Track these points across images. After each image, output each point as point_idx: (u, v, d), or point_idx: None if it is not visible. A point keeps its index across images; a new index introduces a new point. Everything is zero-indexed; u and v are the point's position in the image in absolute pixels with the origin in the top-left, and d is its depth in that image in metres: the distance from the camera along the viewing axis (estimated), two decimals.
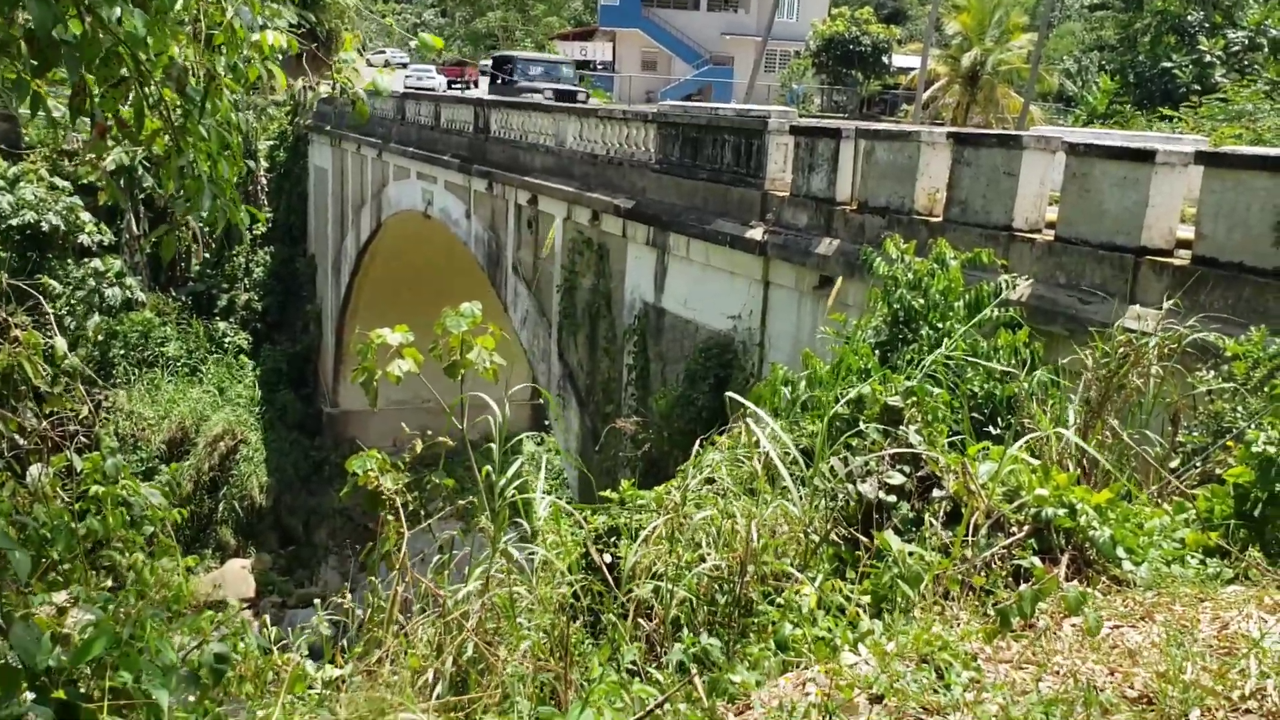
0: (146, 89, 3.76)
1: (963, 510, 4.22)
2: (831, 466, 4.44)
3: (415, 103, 27.52)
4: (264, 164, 39.85)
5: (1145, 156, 8.37)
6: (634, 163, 16.47)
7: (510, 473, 5.01)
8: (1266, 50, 40.62)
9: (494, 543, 4.83)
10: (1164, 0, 43.37)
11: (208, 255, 38.09)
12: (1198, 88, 40.99)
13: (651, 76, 66.89)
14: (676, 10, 68.38)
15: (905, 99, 57.58)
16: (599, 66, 67.28)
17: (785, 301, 12.96)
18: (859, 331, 8.93)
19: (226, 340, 36.60)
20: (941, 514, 4.14)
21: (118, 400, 31.02)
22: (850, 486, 4.24)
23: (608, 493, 9.43)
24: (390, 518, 7.23)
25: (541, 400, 39.21)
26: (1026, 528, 4.04)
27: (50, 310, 28.83)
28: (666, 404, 14.39)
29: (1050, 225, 9.57)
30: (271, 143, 40.67)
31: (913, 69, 57.50)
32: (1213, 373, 6.72)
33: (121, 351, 32.21)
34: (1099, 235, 8.77)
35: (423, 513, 6.45)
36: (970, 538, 3.97)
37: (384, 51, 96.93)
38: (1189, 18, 42.60)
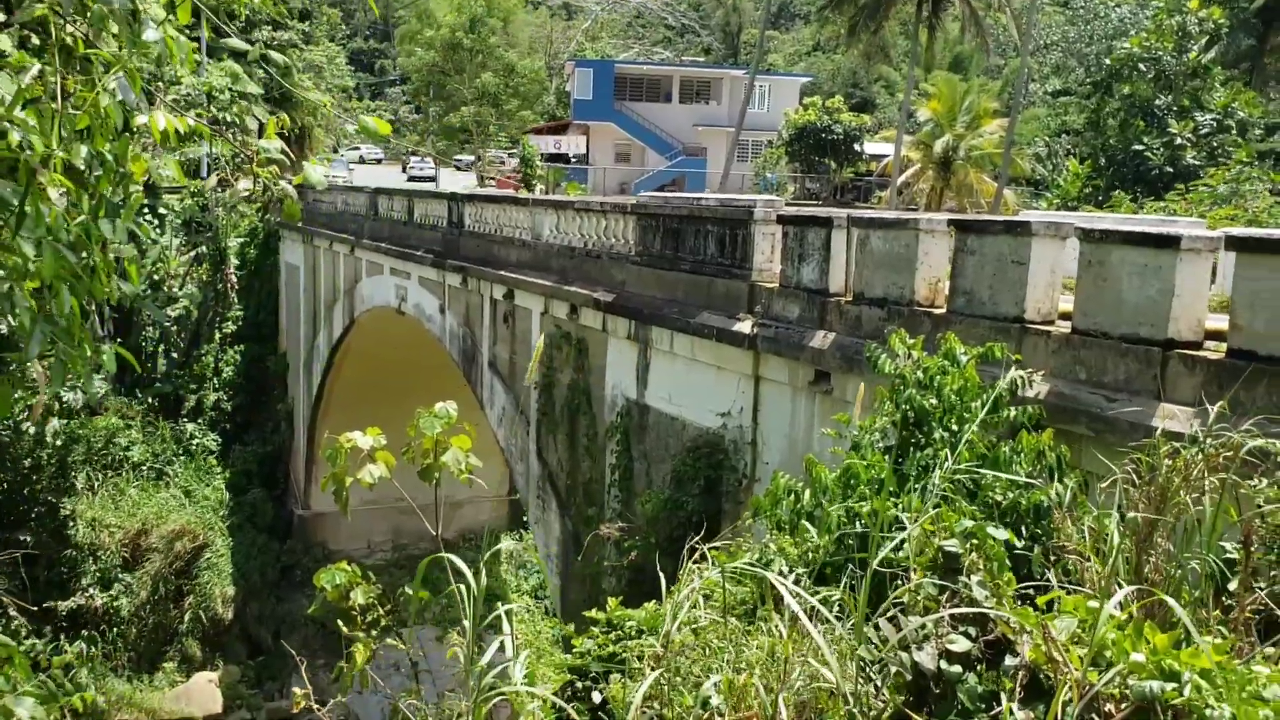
0: None
1: (1041, 680, 3.44)
2: (878, 628, 3.65)
3: (388, 198, 27.04)
4: (234, 261, 39.19)
5: (1168, 242, 7.76)
6: (613, 255, 15.87)
7: (488, 656, 4.19)
8: (1234, 132, 41.01)
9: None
10: (1132, 85, 43.82)
11: (175, 355, 37.20)
12: (1170, 170, 41.26)
13: (626, 168, 67.16)
14: (649, 103, 69.00)
15: (879, 185, 57.92)
16: (573, 159, 67.54)
17: (778, 398, 12.25)
18: (866, 435, 8.24)
19: (194, 442, 35.49)
20: (1019, 688, 3.36)
21: (78, 508, 29.78)
22: (904, 655, 3.45)
23: (593, 612, 8.53)
24: (360, 634, 6.74)
25: (518, 495, 38.22)
26: (1125, 706, 3.26)
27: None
28: (653, 507, 13.56)
29: (1065, 316, 8.93)
30: (242, 240, 40.06)
31: (885, 156, 58.04)
32: (1265, 482, 6.02)
33: (83, 456, 31.03)
34: (1120, 327, 8.13)
35: (394, 625, 5.97)
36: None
37: (359, 148, 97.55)
38: (1157, 102, 43.03)
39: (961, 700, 3.40)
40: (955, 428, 7.69)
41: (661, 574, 5.67)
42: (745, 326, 12.44)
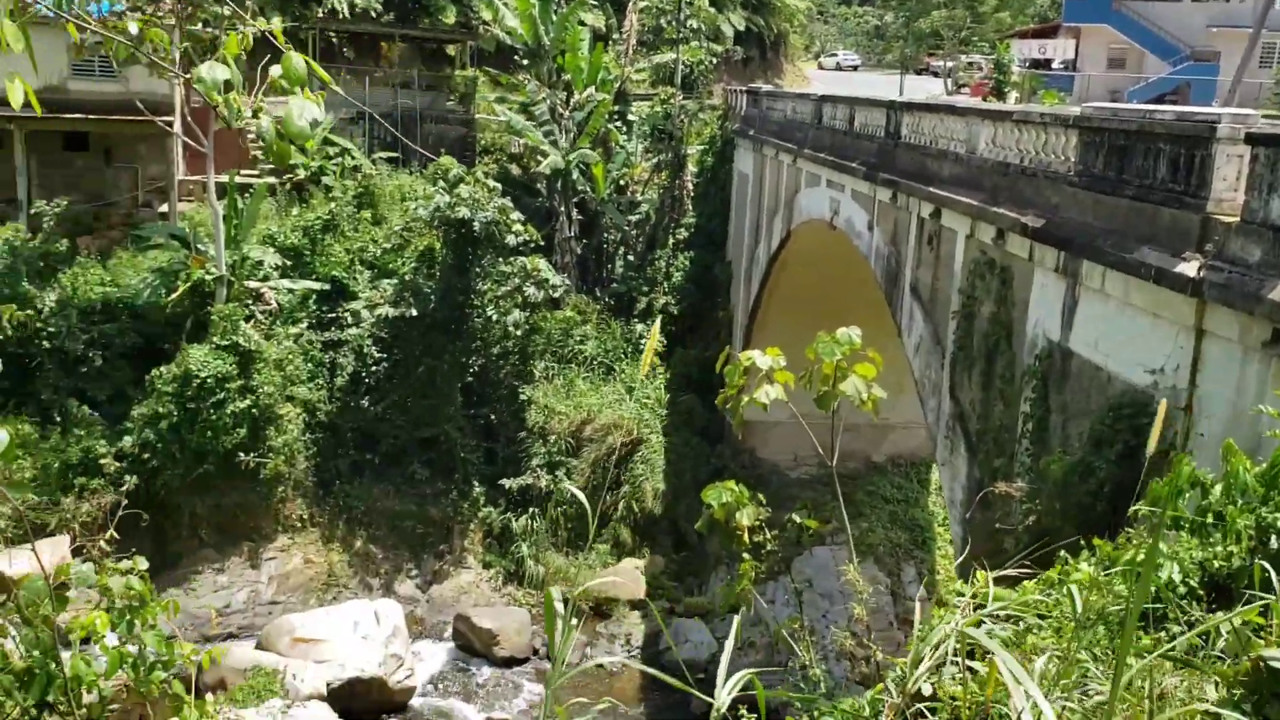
0: None
1: None
2: None
3: (832, 106, 26.01)
4: (692, 169, 40.14)
5: None
6: (1049, 174, 13.90)
7: None
8: None
9: None
10: None
11: (631, 258, 39.00)
12: None
13: (1118, 75, 60.49)
14: (1154, 1, 61.28)
15: None
16: (1059, 66, 61.94)
17: (1223, 358, 10.06)
18: None
19: (643, 341, 37.19)
20: None
21: (534, 395, 32.38)
22: None
23: (962, 585, 7.50)
24: (746, 555, 6.18)
25: None
26: None
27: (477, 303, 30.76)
28: (1061, 469, 11.87)
29: None
30: (702, 147, 40.89)
31: None
32: None
33: (542, 347, 33.60)
34: None
35: (779, 549, 5.79)
36: None
37: (835, 54, 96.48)
38: None
39: None
40: None
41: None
42: (1190, 268, 10.29)
